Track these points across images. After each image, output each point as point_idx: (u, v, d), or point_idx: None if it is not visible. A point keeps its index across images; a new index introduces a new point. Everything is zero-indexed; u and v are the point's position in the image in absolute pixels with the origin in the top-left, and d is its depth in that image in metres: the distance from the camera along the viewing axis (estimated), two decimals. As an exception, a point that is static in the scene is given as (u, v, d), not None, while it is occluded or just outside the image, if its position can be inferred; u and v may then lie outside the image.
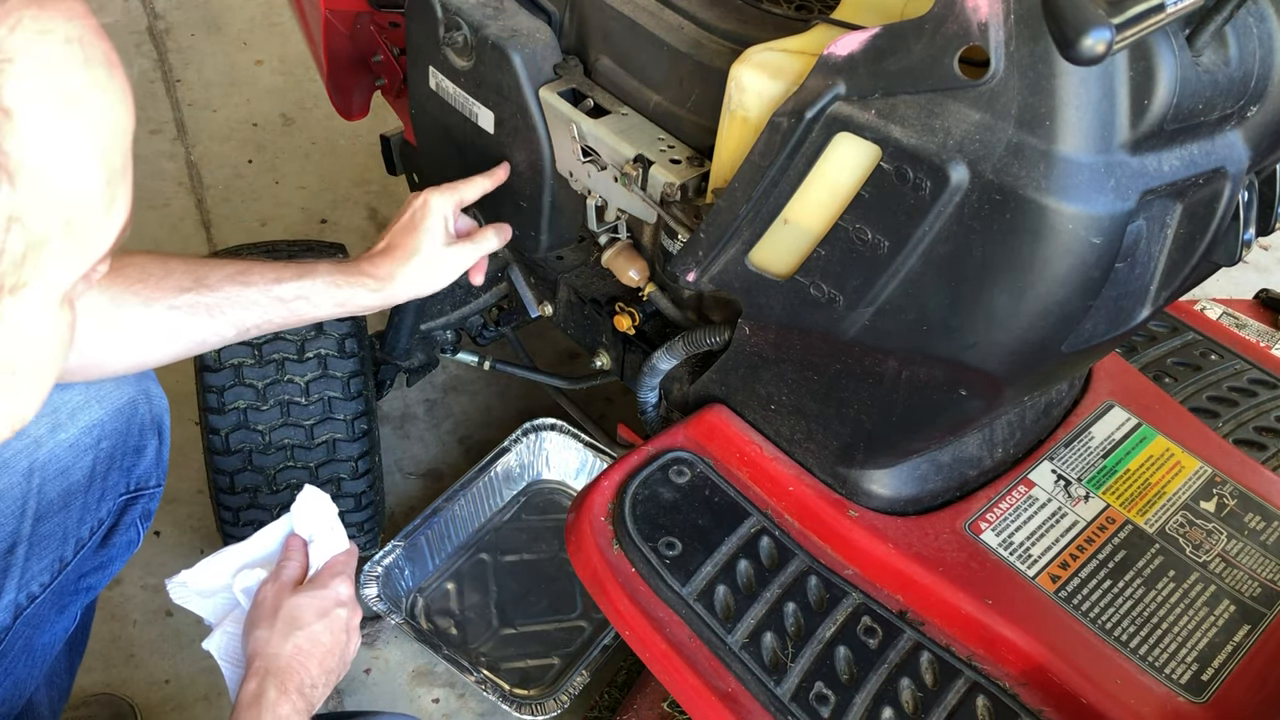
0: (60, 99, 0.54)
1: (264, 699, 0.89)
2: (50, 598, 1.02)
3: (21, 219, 0.53)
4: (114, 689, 1.52)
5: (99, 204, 0.58)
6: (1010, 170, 0.85)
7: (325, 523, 1.08)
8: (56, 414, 0.99)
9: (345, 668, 1.01)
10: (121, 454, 1.06)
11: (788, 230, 1.02)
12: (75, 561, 1.04)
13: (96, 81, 0.57)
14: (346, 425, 1.44)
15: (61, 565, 1.02)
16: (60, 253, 0.57)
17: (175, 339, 1.03)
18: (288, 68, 2.78)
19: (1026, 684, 1.08)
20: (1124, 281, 0.95)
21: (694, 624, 1.08)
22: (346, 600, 1.01)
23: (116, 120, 0.59)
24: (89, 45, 0.57)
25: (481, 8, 1.32)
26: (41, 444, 0.98)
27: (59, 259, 0.57)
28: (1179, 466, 1.28)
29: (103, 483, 1.04)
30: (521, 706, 1.46)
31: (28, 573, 0.99)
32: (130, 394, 1.04)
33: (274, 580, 1.01)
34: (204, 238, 2.28)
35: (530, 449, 1.76)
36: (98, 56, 0.57)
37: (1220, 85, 0.90)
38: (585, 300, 1.45)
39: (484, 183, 1.26)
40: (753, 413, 1.23)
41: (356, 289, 1.11)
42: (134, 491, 1.08)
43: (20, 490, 0.96)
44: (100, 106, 0.57)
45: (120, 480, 1.06)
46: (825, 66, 0.94)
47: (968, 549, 1.16)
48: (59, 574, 1.02)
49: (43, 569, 1.00)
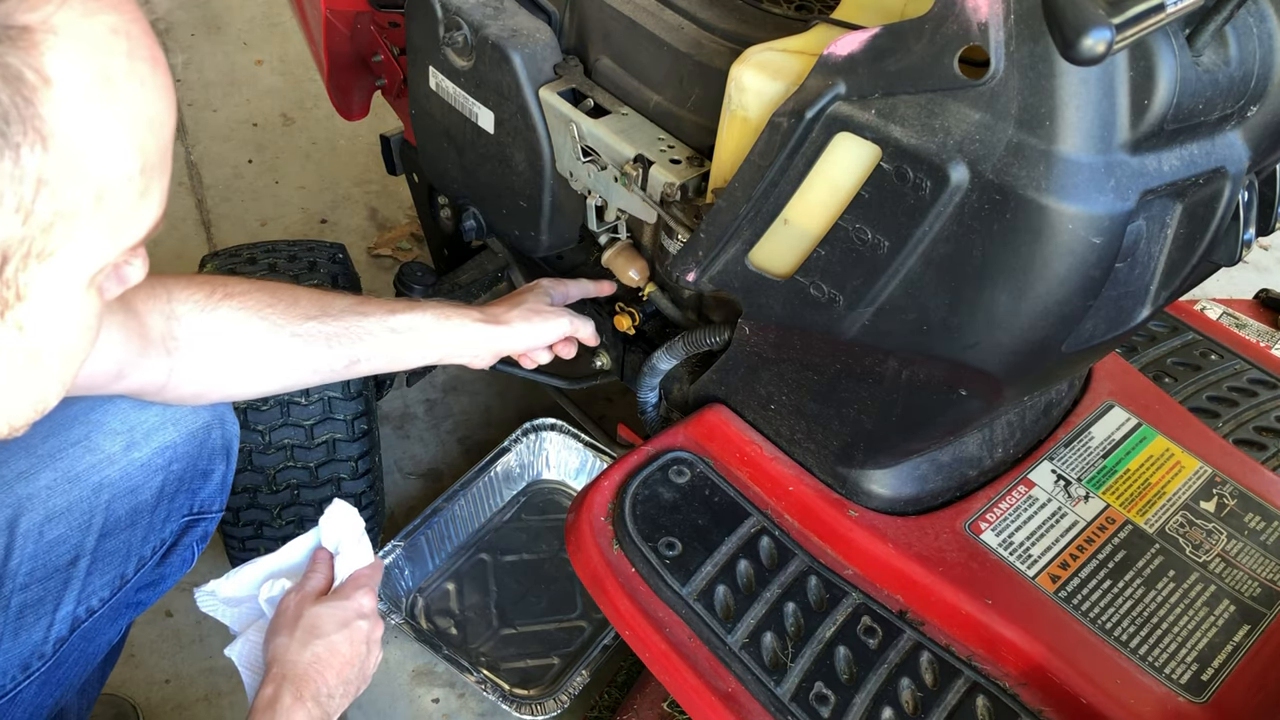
0: (100, 79, 0.56)
1: (279, 704, 0.91)
2: (107, 612, 1.03)
3: (51, 184, 0.55)
4: (114, 689, 1.52)
5: (132, 189, 0.60)
6: (1010, 170, 0.85)
7: (352, 536, 1.09)
8: (132, 432, 0.99)
9: (365, 681, 1.01)
10: (190, 477, 1.06)
11: (788, 230, 1.02)
12: (135, 579, 1.04)
13: (137, 72, 0.59)
14: (346, 425, 1.44)
15: (122, 582, 1.03)
16: (89, 229, 0.58)
17: (294, 368, 1.04)
18: (288, 68, 2.78)
19: (1026, 684, 1.08)
20: (1124, 281, 0.95)
21: (694, 624, 1.08)
22: (368, 613, 1.01)
23: (155, 113, 0.60)
24: (134, 38, 0.59)
25: (481, 8, 1.32)
26: (114, 461, 0.98)
27: (88, 235, 0.58)
28: (1179, 466, 1.28)
29: (169, 504, 1.04)
30: (521, 706, 1.46)
31: (88, 587, 0.99)
32: (206, 419, 1.05)
33: (298, 590, 1.02)
34: (204, 238, 2.28)
35: (530, 449, 1.76)
36: (141, 50, 0.59)
37: (1220, 85, 0.90)
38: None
39: (589, 286, 1.33)
40: (752, 413, 1.23)
41: (464, 320, 1.14)
42: (197, 514, 1.09)
43: (88, 505, 0.97)
44: (139, 96, 0.59)
45: (185, 502, 1.07)
46: (825, 66, 0.94)
47: (968, 549, 1.16)
48: (119, 590, 1.03)
49: (104, 584, 1.01)
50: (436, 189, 1.65)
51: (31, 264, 0.57)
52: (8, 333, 0.59)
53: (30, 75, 0.53)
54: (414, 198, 1.80)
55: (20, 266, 0.56)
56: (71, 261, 0.59)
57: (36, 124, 0.53)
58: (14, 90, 0.52)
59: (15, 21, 0.53)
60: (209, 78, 2.71)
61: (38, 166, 0.54)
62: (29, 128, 0.53)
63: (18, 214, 0.54)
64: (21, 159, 0.53)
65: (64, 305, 0.61)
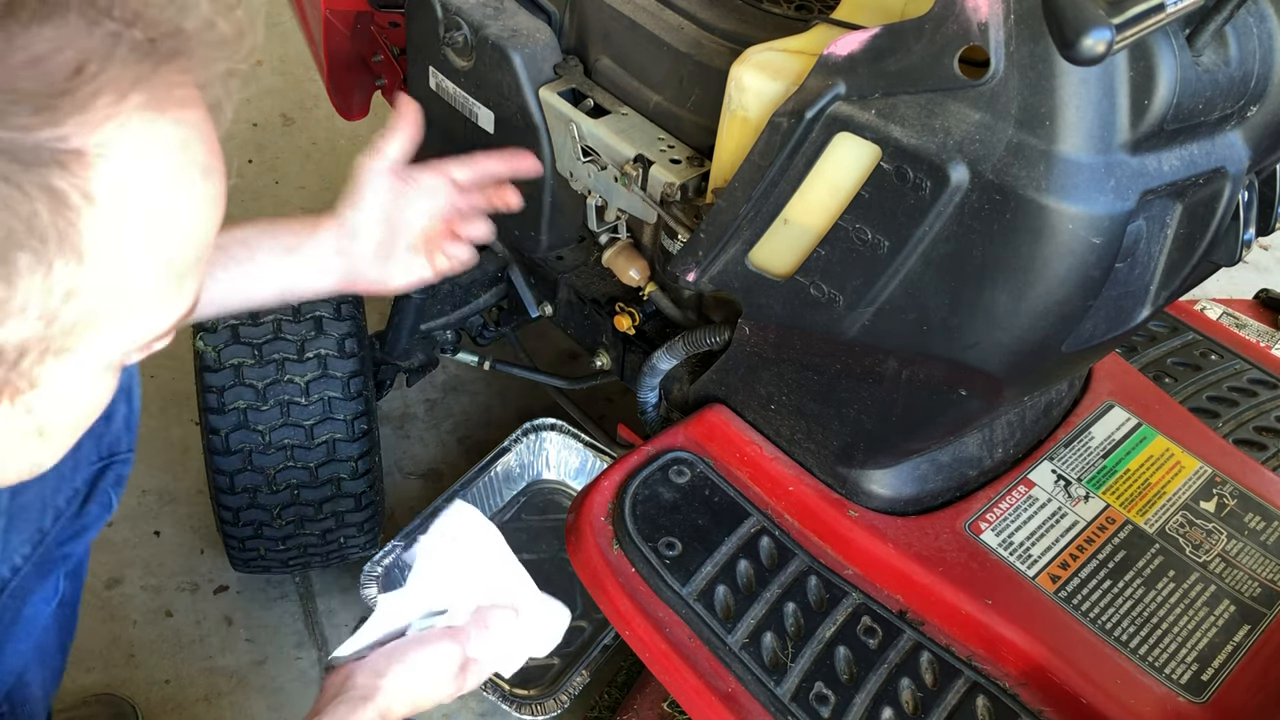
0: (143, 197, 0.55)
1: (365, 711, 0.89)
2: (32, 569, 1.02)
3: (80, 294, 0.54)
4: (114, 689, 1.52)
5: (161, 292, 0.59)
6: (1010, 170, 0.85)
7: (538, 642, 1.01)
8: None
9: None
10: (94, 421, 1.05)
11: (788, 230, 1.02)
12: (54, 531, 1.04)
13: (186, 185, 0.58)
14: (346, 425, 1.44)
15: (41, 535, 1.02)
16: (113, 329, 0.58)
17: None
18: (288, 68, 2.78)
19: (1026, 684, 1.08)
20: (1124, 281, 0.95)
21: (694, 624, 1.08)
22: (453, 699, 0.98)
23: (198, 225, 0.59)
24: (190, 149, 0.57)
25: (481, 8, 1.32)
26: None
27: (111, 334, 0.58)
28: (1179, 466, 1.28)
29: (75, 453, 1.03)
30: (521, 706, 1.46)
31: (8, 545, 0.98)
32: None
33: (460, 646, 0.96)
34: (204, 238, 2.28)
35: (530, 449, 1.76)
36: (196, 163, 0.58)
37: (1220, 85, 0.90)
38: (585, 300, 1.45)
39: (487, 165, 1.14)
40: (753, 413, 1.23)
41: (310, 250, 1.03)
42: (106, 458, 1.08)
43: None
44: (182, 210, 0.58)
45: (92, 448, 1.05)
46: (825, 66, 0.94)
47: (968, 549, 1.16)
48: (39, 544, 1.02)
49: (23, 540, 1.00)
50: (436, 189, 1.65)
51: (49, 359, 0.56)
52: (15, 414, 0.59)
53: (75, 197, 0.52)
54: (414, 198, 1.80)
55: (36, 361, 0.56)
56: (89, 355, 0.58)
57: (74, 241, 0.52)
58: (56, 212, 0.51)
59: (71, 145, 0.51)
60: (209, 78, 2.71)
61: (69, 280, 0.53)
62: (66, 245, 0.52)
63: (40, 319, 0.53)
64: (54, 273, 0.52)
65: (76, 390, 0.61)
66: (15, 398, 0.57)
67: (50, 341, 0.55)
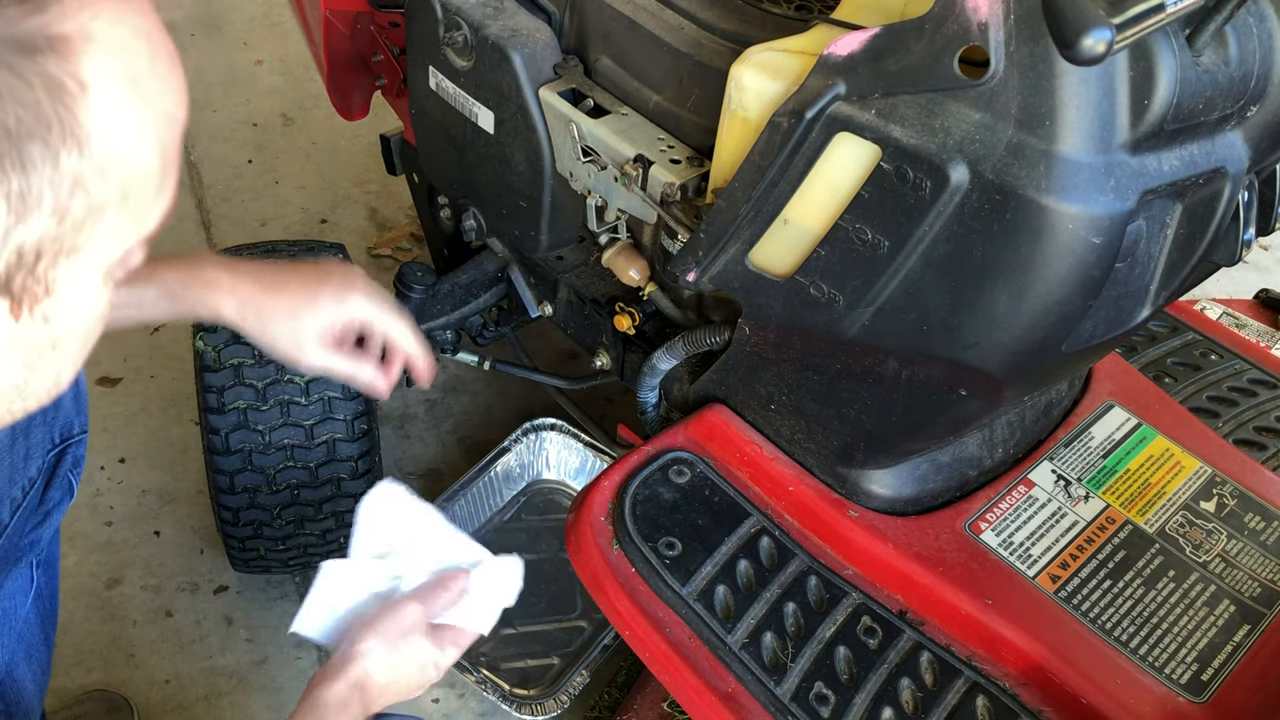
0: (128, 82, 0.59)
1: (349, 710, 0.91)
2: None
3: (85, 185, 0.57)
4: (114, 689, 1.52)
5: (152, 183, 0.63)
6: (1010, 170, 0.85)
7: (497, 599, 1.05)
8: None
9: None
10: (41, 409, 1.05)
11: (788, 230, 1.02)
12: (14, 523, 1.03)
13: (159, 72, 0.62)
14: (346, 425, 1.44)
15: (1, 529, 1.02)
16: (113, 223, 0.61)
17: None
18: (288, 68, 2.78)
19: (1026, 684, 1.08)
20: (1124, 281, 0.95)
21: (694, 624, 1.08)
22: (442, 672, 1.00)
23: (174, 110, 0.63)
24: (154, 39, 0.62)
25: (481, 8, 1.32)
26: None
27: (111, 229, 0.61)
28: (1179, 466, 1.28)
29: (26, 441, 1.03)
30: (521, 706, 1.46)
31: None
32: None
33: (427, 604, 0.99)
34: (204, 238, 2.28)
35: (530, 449, 1.76)
36: (162, 51, 0.62)
37: (1220, 85, 0.90)
38: (585, 300, 1.45)
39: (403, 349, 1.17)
40: (753, 413, 1.23)
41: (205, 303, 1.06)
42: (60, 443, 1.08)
43: None
44: (161, 95, 0.62)
45: (44, 435, 1.05)
46: (825, 66, 0.94)
47: (968, 549, 1.16)
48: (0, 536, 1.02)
49: None
50: (436, 189, 1.65)
51: (61, 260, 0.59)
52: (35, 325, 0.62)
53: (70, 83, 0.55)
54: (414, 198, 1.80)
55: (51, 263, 0.59)
56: (95, 255, 0.62)
57: (75, 129, 0.56)
58: (56, 99, 0.55)
59: (54, 31, 0.55)
60: (209, 78, 2.71)
61: (74, 169, 0.56)
62: (68, 134, 0.56)
63: (54, 215, 0.57)
64: (61, 163, 0.56)
65: (84, 296, 0.64)
66: (34, 307, 0.60)
67: (63, 240, 0.58)
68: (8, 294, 0.58)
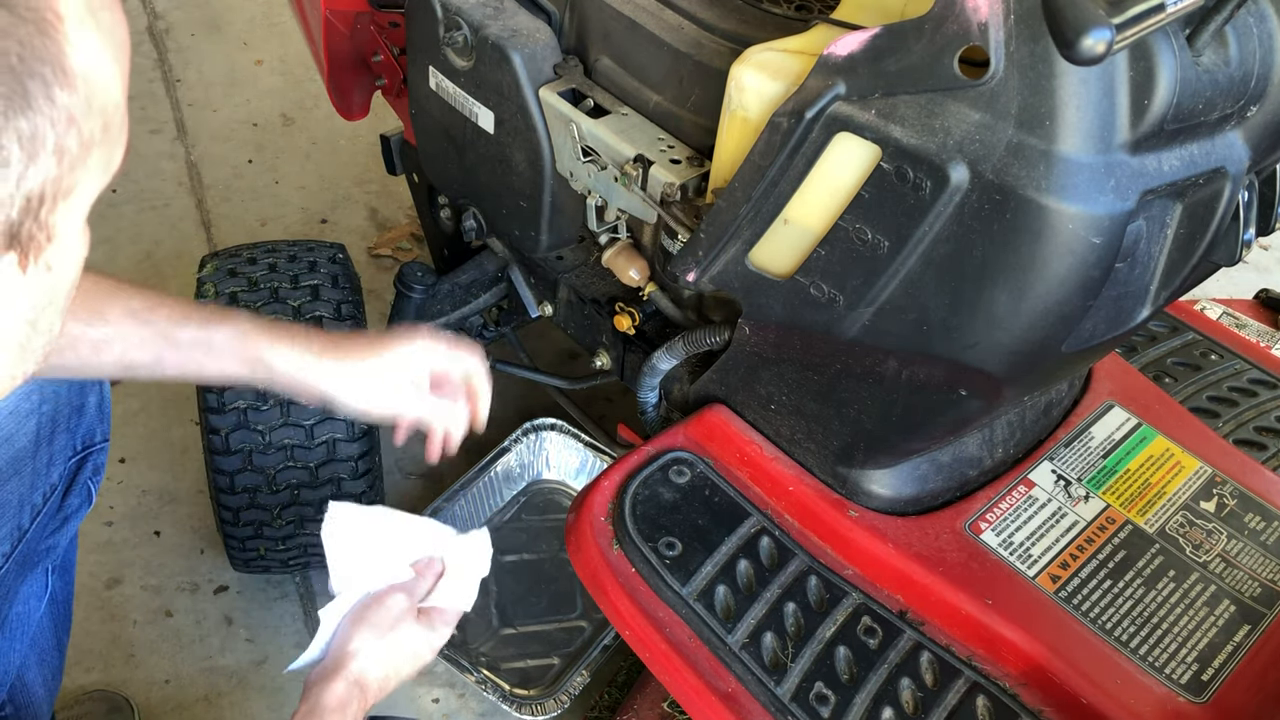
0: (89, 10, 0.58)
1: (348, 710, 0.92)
2: (13, 567, 1.02)
3: (77, 120, 0.57)
4: (114, 689, 1.52)
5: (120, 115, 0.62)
6: (1010, 170, 0.85)
7: (473, 573, 1.07)
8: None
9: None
10: (66, 414, 1.04)
11: (788, 230, 1.02)
12: (33, 528, 1.03)
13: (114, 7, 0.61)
14: (346, 425, 1.44)
15: (20, 533, 1.01)
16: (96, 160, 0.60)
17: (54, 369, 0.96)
18: (288, 68, 2.78)
19: (1026, 684, 1.08)
20: (1124, 281, 0.95)
21: (694, 624, 1.08)
22: (438, 648, 1.02)
23: (124, 41, 0.63)
24: None
25: (481, 8, 1.32)
26: None
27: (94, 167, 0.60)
28: (1179, 466, 1.28)
29: (49, 447, 1.03)
30: (521, 706, 1.46)
31: None
32: None
33: (409, 593, 1.01)
34: (204, 238, 2.28)
35: (530, 449, 1.76)
36: None
37: (1220, 85, 0.90)
38: (585, 300, 1.45)
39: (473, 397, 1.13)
40: (753, 413, 1.23)
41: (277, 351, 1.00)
42: (82, 451, 1.07)
43: None
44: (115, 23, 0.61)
45: (67, 442, 1.05)
46: (825, 66, 0.94)
47: (968, 549, 1.16)
48: (19, 542, 1.02)
49: (1, 539, 0.99)
50: (436, 189, 1.65)
51: (60, 203, 0.58)
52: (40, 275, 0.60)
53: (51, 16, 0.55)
54: (414, 198, 1.80)
55: (52, 207, 0.58)
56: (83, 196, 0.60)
57: (64, 63, 0.55)
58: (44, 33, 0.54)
59: None
60: (209, 78, 2.71)
61: (68, 104, 0.56)
62: (57, 68, 0.55)
63: (55, 154, 0.56)
64: (57, 99, 0.55)
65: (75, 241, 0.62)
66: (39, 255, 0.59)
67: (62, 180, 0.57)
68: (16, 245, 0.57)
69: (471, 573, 1.07)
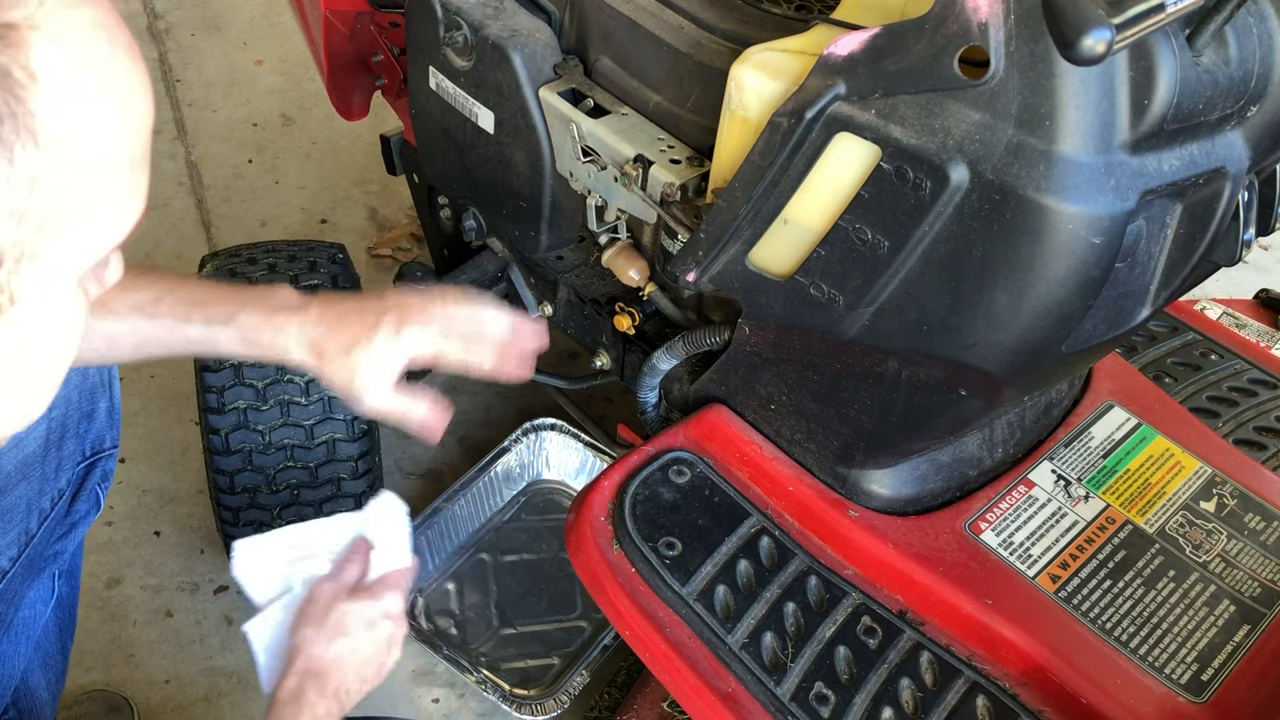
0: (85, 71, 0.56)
1: (304, 698, 0.90)
2: (20, 571, 1.01)
3: (42, 182, 0.54)
4: (114, 689, 1.52)
5: (119, 183, 0.59)
6: (1010, 170, 0.85)
7: (395, 532, 1.07)
8: None
9: (380, 679, 1.01)
10: (75, 419, 1.04)
11: (788, 230, 1.02)
12: (41, 533, 1.03)
13: (118, 64, 0.59)
14: (346, 425, 1.44)
15: (28, 538, 1.01)
16: (79, 227, 0.58)
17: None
18: (288, 68, 2.78)
19: (1026, 684, 1.08)
20: (1124, 281, 0.95)
21: (694, 624, 1.08)
22: (395, 615, 1.00)
23: (138, 107, 0.60)
24: (112, 31, 0.59)
25: (481, 8, 1.32)
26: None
27: (77, 234, 0.58)
28: (1179, 466, 1.28)
29: (58, 452, 1.02)
30: (521, 706, 1.46)
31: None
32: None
33: (333, 579, 1.01)
34: (204, 238, 2.28)
35: (530, 449, 1.76)
36: (120, 42, 0.59)
37: (1220, 85, 0.90)
38: (585, 300, 1.45)
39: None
40: (752, 413, 1.23)
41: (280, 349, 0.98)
42: (90, 457, 1.07)
43: None
44: (123, 88, 0.59)
45: (76, 447, 1.05)
46: (825, 66, 0.94)
47: (968, 549, 1.16)
48: (26, 547, 1.01)
49: (9, 543, 0.99)
50: (436, 189, 1.65)
51: (24, 266, 0.56)
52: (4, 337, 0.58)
53: (19, 72, 0.53)
54: (414, 198, 1.80)
55: (13, 270, 0.55)
56: (61, 261, 0.58)
57: (28, 121, 0.53)
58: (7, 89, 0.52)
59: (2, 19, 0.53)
60: (209, 78, 2.71)
61: (30, 165, 0.53)
62: (20, 125, 0.53)
63: (12, 216, 0.54)
64: (15, 158, 0.53)
65: (54, 307, 0.60)
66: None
67: (24, 244, 0.55)
68: None
69: (394, 533, 1.07)
